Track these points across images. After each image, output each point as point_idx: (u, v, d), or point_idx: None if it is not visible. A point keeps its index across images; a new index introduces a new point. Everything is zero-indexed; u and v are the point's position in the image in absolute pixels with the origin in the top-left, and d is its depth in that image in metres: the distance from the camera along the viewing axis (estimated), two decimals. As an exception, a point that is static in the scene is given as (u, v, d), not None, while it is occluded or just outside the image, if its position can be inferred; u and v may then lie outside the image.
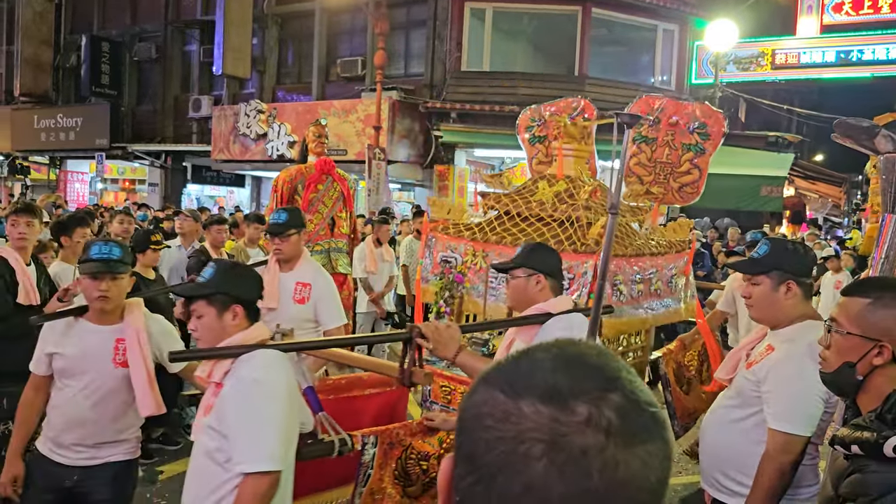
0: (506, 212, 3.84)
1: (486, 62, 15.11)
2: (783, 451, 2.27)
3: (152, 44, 19.34)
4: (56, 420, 2.87)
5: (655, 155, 4.71)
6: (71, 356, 2.84)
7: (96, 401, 2.83)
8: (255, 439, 2.06)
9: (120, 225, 6.03)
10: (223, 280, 2.34)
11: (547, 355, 0.68)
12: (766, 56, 15.48)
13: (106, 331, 2.86)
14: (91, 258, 2.81)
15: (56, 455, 2.85)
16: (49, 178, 21.55)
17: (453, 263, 3.83)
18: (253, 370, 2.14)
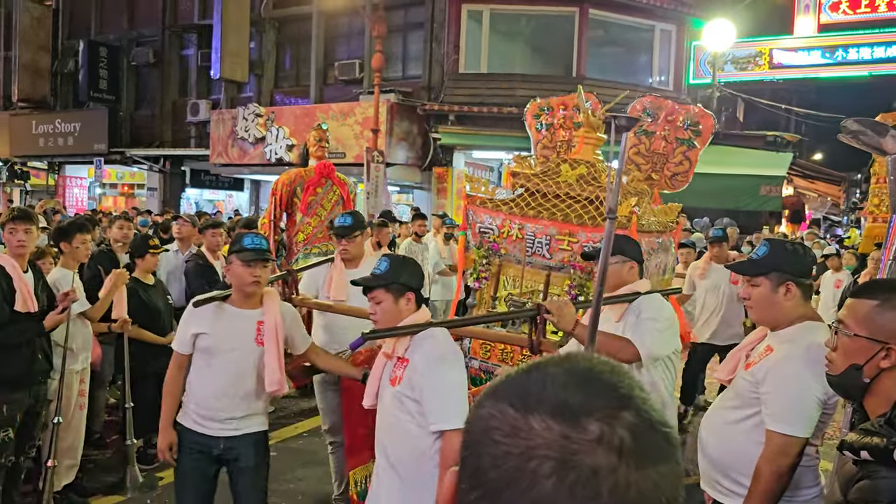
0: (536, 190, 4.27)
1: (484, 64, 15.11)
2: (781, 452, 2.26)
3: (150, 48, 19.32)
4: (200, 394, 3.22)
5: (653, 147, 5.31)
6: (218, 336, 3.17)
7: (238, 375, 3.19)
8: (447, 402, 2.59)
9: (120, 230, 6.00)
10: (397, 272, 2.80)
11: (559, 370, 0.67)
12: (764, 55, 15.49)
13: (249, 314, 3.21)
14: (245, 248, 3.14)
15: (201, 427, 3.22)
16: (48, 183, 21.53)
17: (489, 234, 4.33)
18: (436, 346, 2.71)
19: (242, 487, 3.29)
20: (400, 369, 2.71)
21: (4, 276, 3.86)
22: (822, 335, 2.39)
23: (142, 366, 5.10)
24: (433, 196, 14.97)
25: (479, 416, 0.67)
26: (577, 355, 0.70)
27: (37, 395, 4.08)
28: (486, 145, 14.85)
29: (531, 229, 4.17)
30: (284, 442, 5.85)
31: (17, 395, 3.93)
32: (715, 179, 12.13)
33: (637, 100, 5.47)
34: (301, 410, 6.71)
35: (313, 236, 6.99)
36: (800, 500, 2.40)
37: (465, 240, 4.57)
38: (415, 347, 2.71)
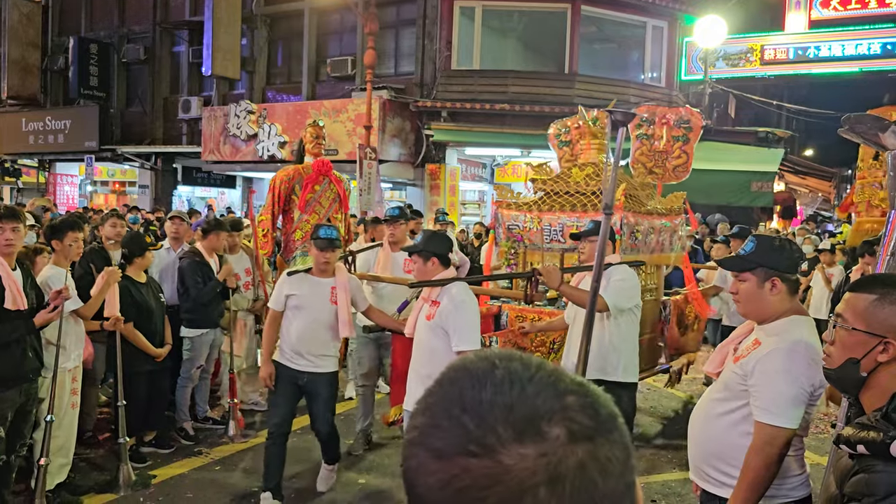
0: (552, 191, 5.57)
1: (477, 60, 15.11)
2: (769, 443, 2.31)
3: (141, 45, 19.24)
4: (292, 338, 4.41)
5: (654, 147, 6.50)
6: (304, 297, 4.40)
7: (317, 325, 4.40)
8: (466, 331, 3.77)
9: (112, 228, 5.96)
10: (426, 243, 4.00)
11: (480, 391, 0.62)
12: (756, 52, 15.54)
13: (325, 282, 4.45)
14: (320, 237, 4.37)
15: (291, 363, 4.42)
16: (38, 181, 21.40)
17: (516, 229, 5.66)
18: (458, 293, 3.86)
19: (317, 410, 4.52)
20: (433, 309, 3.86)
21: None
22: (808, 329, 2.46)
23: (134, 364, 5.09)
24: (426, 193, 14.96)
25: (432, 484, 0.61)
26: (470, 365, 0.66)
27: (28, 393, 4.06)
28: (478, 142, 14.86)
29: (547, 221, 5.49)
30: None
31: (8, 394, 3.91)
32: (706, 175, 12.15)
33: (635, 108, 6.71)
34: (295, 408, 6.70)
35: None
36: (787, 489, 2.45)
37: (495, 237, 5.92)
38: (443, 293, 3.87)
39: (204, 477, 5.06)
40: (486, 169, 17.15)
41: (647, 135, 6.49)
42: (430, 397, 0.65)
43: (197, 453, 5.47)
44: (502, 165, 16.94)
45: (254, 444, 5.69)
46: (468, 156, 15.95)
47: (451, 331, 3.74)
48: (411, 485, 0.63)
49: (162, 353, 5.29)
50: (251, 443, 5.71)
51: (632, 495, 0.63)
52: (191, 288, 5.71)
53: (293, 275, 4.48)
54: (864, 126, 3.00)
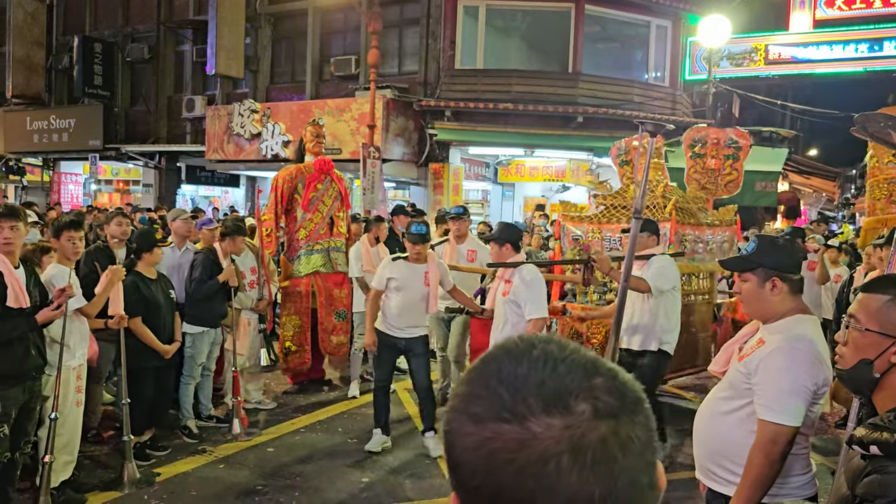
0: (611, 205, 6.54)
1: (480, 60, 15.10)
2: (772, 441, 2.31)
3: (145, 44, 19.26)
4: (392, 311, 5.44)
5: (706, 165, 7.25)
6: (402, 279, 5.38)
7: (412, 302, 5.42)
8: (536, 302, 4.79)
9: (118, 227, 5.98)
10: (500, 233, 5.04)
11: (517, 366, 0.68)
12: (760, 51, 15.51)
13: (420, 267, 5.44)
14: (412, 233, 5.34)
15: (390, 331, 5.48)
16: (43, 179, 21.44)
17: (580, 239, 6.60)
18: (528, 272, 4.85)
19: (416, 367, 5.54)
20: (508, 286, 4.85)
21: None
22: (811, 328, 2.46)
23: (141, 360, 5.11)
24: (429, 192, 14.96)
25: (468, 445, 0.66)
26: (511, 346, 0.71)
27: (31, 390, 4.07)
28: (482, 141, 14.85)
29: (607, 232, 6.44)
30: (281, 437, 5.86)
31: (11, 392, 3.92)
32: (711, 175, 12.16)
33: (689, 130, 7.38)
34: (299, 406, 6.72)
35: (315, 233, 6.96)
36: (791, 487, 2.45)
37: (561, 247, 6.86)
38: (515, 273, 4.84)
39: (208, 475, 5.07)
40: (489, 168, 17.14)
41: (699, 154, 7.28)
42: (472, 371, 0.71)
43: (201, 451, 5.48)
44: (506, 165, 16.94)
45: (257, 442, 5.71)
46: (472, 155, 15.94)
47: (523, 302, 4.74)
48: (450, 445, 0.69)
49: (170, 349, 5.30)
50: (255, 441, 5.72)
51: (651, 473, 0.68)
52: (195, 281, 5.75)
53: (395, 261, 5.53)
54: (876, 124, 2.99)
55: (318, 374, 7.49)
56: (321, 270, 6.94)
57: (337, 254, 7.09)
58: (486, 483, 0.65)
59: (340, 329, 7.09)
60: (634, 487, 0.65)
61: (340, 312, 7.08)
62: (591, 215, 6.68)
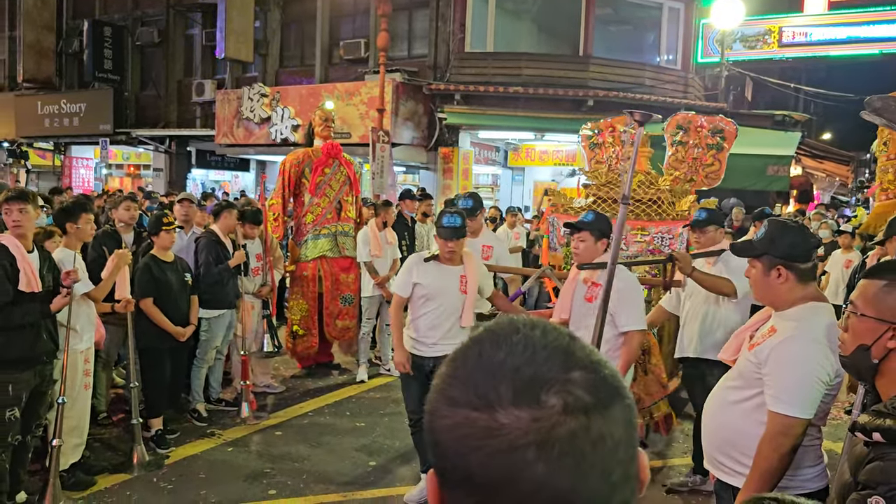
0: (604, 197, 5.63)
1: (490, 43, 14.99)
2: (782, 433, 2.27)
3: (154, 28, 19.23)
4: (421, 326, 4.36)
5: (688, 154, 6.59)
6: (432, 286, 4.31)
7: (446, 315, 4.32)
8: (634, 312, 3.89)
9: (127, 212, 6.01)
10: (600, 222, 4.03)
11: (497, 350, 0.67)
12: (773, 34, 15.30)
13: (455, 270, 4.35)
14: (444, 226, 4.23)
15: (417, 351, 4.38)
16: (54, 164, 21.54)
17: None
18: (622, 274, 3.78)
19: None
20: (594, 291, 3.89)
21: (7, 256, 3.87)
22: (825, 316, 2.39)
23: (156, 342, 5.16)
24: (439, 176, 14.92)
25: (443, 426, 0.67)
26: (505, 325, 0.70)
27: (42, 374, 4.10)
28: (492, 125, 14.77)
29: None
30: (290, 421, 5.89)
31: (23, 375, 3.95)
32: (722, 159, 12.05)
33: (672, 117, 6.63)
34: (307, 390, 6.75)
35: (322, 217, 6.97)
36: (801, 479, 2.41)
37: (549, 242, 6.06)
38: (602, 276, 3.66)
39: (216, 458, 5.11)
40: (499, 152, 17.07)
41: (681, 142, 6.68)
42: (457, 351, 0.71)
43: (210, 434, 5.52)
44: (516, 149, 16.86)
45: (265, 425, 5.74)
46: (481, 139, 15.87)
47: (618, 312, 3.80)
48: (430, 424, 0.69)
49: (183, 332, 5.33)
50: (263, 424, 5.76)
51: (626, 468, 0.66)
52: (202, 265, 5.78)
53: (426, 262, 4.37)
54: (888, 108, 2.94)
55: (326, 357, 7.52)
56: (328, 255, 6.96)
57: (345, 238, 7.09)
58: (458, 466, 0.65)
59: (346, 314, 7.10)
60: (606, 481, 0.64)
61: (346, 297, 7.10)
62: (582, 206, 5.86)
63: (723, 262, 4.36)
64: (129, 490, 4.53)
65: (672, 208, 5.57)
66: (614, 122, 6.43)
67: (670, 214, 5.51)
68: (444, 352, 4.26)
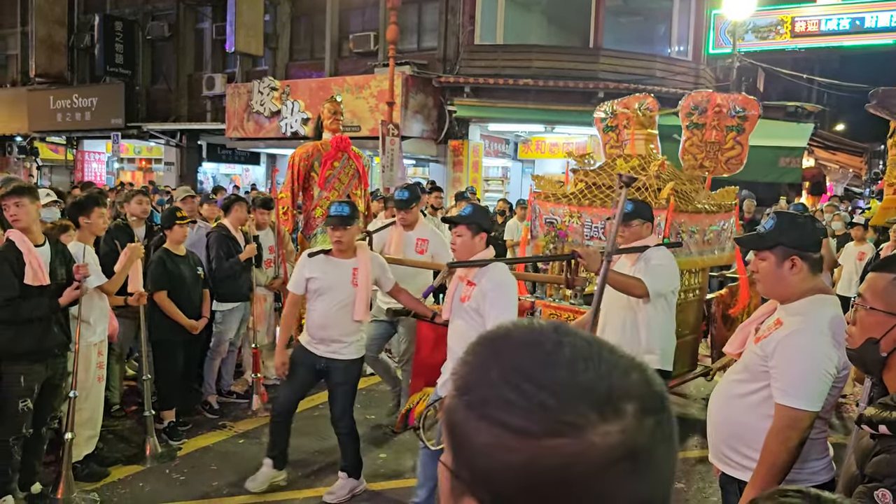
0: (593, 183, 5.23)
1: (500, 35, 14.94)
2: (790, 426, 2.26)
3: (165, 22, 19.29)
4: (313, 322, 4.26)
5: (705, 137, 6.04)
6: (324, 279, 4.20)
7: (338, 309, 4.21)
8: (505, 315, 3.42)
9: (139, 206, 6.06)
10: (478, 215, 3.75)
11: (549, 369, 0.64)
12: (786, 24, 15.16)
13: (347, 263, 4.23)
14: (331, 214, 4.14)
15: (312, 347, 4.29)
16: (66, 158, 21.68)
17: (556, 223, 5.30)
18: (499, 274, 3.62)
19: (335, 397, 4.39)
20: (469, 290, 3.64)
21: (14, 251, 3.87)
22: (831, 308, 2.38)
23: (169, 334, 5.21)
24: (449, 169, 14.91)
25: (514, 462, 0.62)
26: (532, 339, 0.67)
27: (55, 367, 4.13)
28: (502, 117, 14.74)
29: (588, 217, 5.16)
30: (300, 413, 5.90)
31: (35, 367, 3.97)
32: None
33: (687, 96, 6.19)
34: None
35: (332, 210, 7.00)
36: (808, 472, 2.40)
37: (530, 230, 5.65)
38: (481, 274, 3.62)
39: (228, 449, 5.15)
40: (509, 145, 17.03)
41: (697, 124, 6.05)
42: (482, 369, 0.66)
43: (221, 426, 5.56)
44: (526, 141, 16.82)
45: (277, 418, 5.77)
46: (491, 132, 15.84)
47: (487, 315, 3.48)
48: (478, 456, 0.63)
49: (197, 325, 5.37)
50: (274, 417, 5.79)
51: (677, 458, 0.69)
52: (214, 260, 5.82)
53: (313, 256, 4.27)
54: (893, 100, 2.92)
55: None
56: (337, 248, 6.99)
57: (354, 231, 7.11)
58: (526, 497, 0.61)
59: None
60: (673, 479, 0.66)
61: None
62: (569, 193, 5.35)
63: (643, 260, 3.94)
64: (142, 481, 4.58)
65: (656, 195, 4.99)
66: (628, 102, 6.01)
67: (654, 203, 4.88)
68: (336, 354, 4.25)
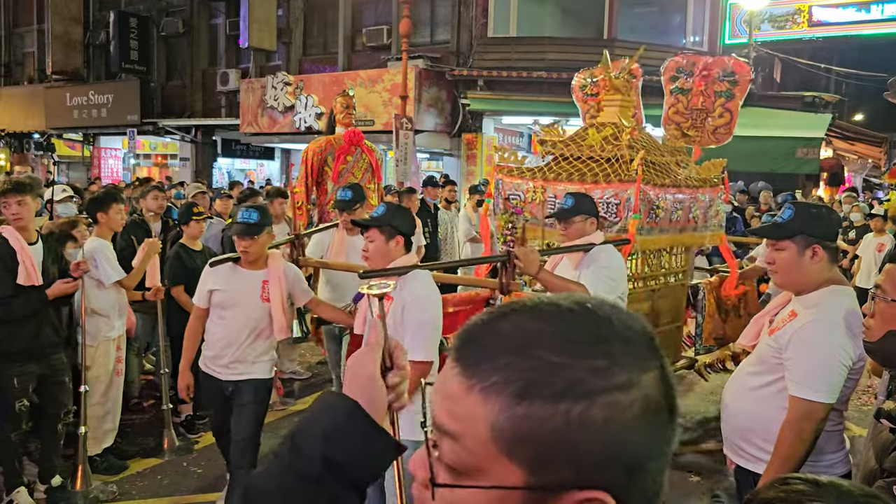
0: (561, 155, 4.65)
1: (513, 27, 14.86)
2: (804, 418, 2.24)
3: (179, 18, 19.36)
4: (215, 342, 3.78)
5: (691, 103, 5.49)
6: (229, 292, 3.72)
7: (244, 327, 3.72)
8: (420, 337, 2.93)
9: (154, 201, 6.10)
10: (391, 216, 3.11)
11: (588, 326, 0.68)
12: (803, 13, 14.98)
13: (255, 274, 3.76)
14: (237, 221, 3.70)
15: (215, 371, 3.78)
16: (83, 154, 21.85)
17: (516, 200, 4.66)
18: (420, 287, 3.05)
19: (238, 418, 3.79)
20: (387, 303, 2.70)
21: (7, 249, 3.87)
22: (848, 300, 2.36)
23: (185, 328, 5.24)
24: (462, 163, 14.88)
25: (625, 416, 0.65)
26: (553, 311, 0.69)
27: (50, 365, 4.12)
28: (515, 110, 14.67)
29: (552, 191, 4.47)
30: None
31: (28, 367, 3.98)
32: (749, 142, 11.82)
33: (670, 59, 5.70)
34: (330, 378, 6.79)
35: (345, 205, 7.01)
36: (824, 465, 2.38)
37: (490, 207, 4.96)
38: (401, 285, 3.03)
39: (245, 443, 5.17)
40: (523, 138, 16.96)
41: (682, 89, 5.48)
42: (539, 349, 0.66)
43: (238, 420, 5.59)
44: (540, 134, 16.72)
45: (292, 411, 5.81)
46: (505, 125, 15.77)
47: (405, 337, 2.88)
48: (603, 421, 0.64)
49: None
50: (289, 410, 5.82)
51: None
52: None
53: (217, 265, 3.77)
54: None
55: (352, 344, 7.56)
56: (352, 242, 7.00)
57: (368, 225, 7.13)
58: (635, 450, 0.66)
59: (371, 300, 7.13)
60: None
61: (371, 284, 7.13)
62: (534, 168, 4.78)
63: (588, 262, 3.47)
64: (160, 474, 4.62)
65: (627, 167, 4.34)
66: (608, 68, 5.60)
67: (621, 175, 4.30)
68: (243, 375, 3.76)
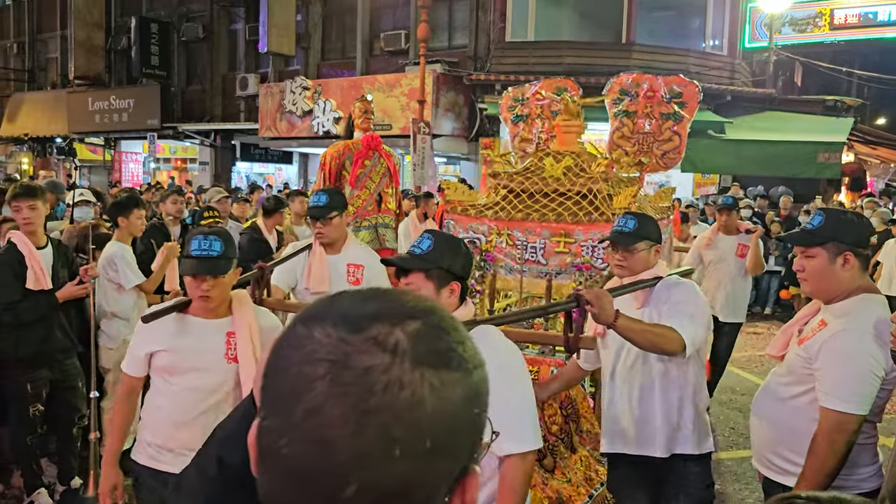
0: (521, 190, 3.91)
1: (531, 31, 14.84)
2: (836, 430, 2.19)
3: (199, 23, 19.55)
4: (159, 423, 2.66)
5: (637, 127, 5.09)
6: (179, 352, 2.61)
7: (205, 399, 2.62)
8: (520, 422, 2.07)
9: (173, 205, 6.14)
10: (442, 253, 2.23)
11: (362, 294, 0.67)
12: (824, 16, 14.84)
13: (216, 325, 2.65)
14: (191, 255, 2.57)
15: (160, 463, 2.66)
16: (104, 159, 22.10)
17: (478, 243, 3.87)
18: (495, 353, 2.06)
19: None
20: None
21: (16, 254, 3.89)
22: (880, 308, 2.31)
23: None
24: (480, 167, 14.87)
25: (275, 342, 0.67)
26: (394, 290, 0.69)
27: (63, 370, 4.15)
28: (533, 115, 14.64)
29: (521, 234, 3.80)
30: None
31: (39, 373, 4.01)
32: (770, 147, 11.75)
33: (614, 79, 5.27)
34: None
35: (363, 209, 7.01)
36: (856, 479, 2.33)
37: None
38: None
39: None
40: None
41: (627, 111, 5.04)
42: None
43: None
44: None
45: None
46: (522, 129, 15.74)
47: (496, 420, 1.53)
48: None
49: None
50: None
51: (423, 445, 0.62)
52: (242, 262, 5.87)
53: (154, 318, 2.61)
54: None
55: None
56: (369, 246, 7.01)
57: (385, 230, 7.12)
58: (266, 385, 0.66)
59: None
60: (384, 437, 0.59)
61: (388, 288, 7.15)
62: (490, 204, 3.96)
63: (659, 299, 2.71)
64: (178, 477, 4.63)
65: (608, 204, 3.74)
66: (541, 88, 5.29)
67: (605, 214, 3.68)
68: None
